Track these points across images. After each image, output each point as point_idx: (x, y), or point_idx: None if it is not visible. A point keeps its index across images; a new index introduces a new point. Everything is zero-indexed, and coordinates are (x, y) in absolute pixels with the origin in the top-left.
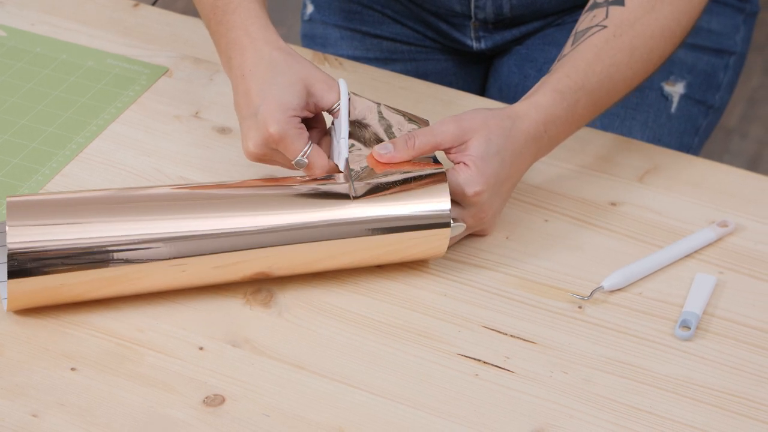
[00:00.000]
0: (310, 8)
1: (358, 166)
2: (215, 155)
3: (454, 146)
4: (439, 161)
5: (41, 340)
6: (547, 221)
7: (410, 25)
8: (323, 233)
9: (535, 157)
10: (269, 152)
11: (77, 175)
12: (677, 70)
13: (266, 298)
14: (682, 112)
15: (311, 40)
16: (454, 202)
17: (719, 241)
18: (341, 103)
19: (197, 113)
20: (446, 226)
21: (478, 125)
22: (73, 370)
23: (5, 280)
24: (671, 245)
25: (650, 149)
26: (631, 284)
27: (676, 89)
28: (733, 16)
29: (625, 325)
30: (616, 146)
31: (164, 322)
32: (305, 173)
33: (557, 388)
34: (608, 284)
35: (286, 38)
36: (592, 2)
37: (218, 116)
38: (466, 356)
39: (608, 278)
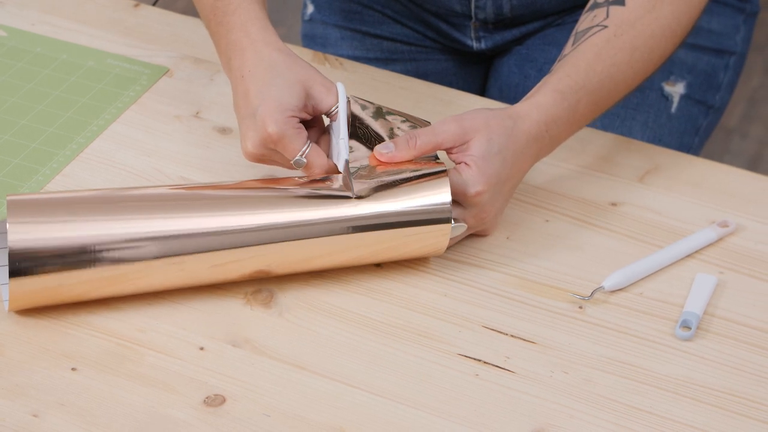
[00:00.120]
0: (310, 8)
1: (357, 165)
2: (215, 155)
3: (455, 146)
4: (440, 160)
5: (41, 340)
6: (547, 221)
7: (410, 25)
8: (322, 230)
9: (536, 157)
10: (268, 152)
11: (78, 175)
12: (677, 70)
13: (267, 298)
14: (682, 112)
15: (311, 40)
16: (455, 202)
17: (720, 241)
18: (339, 105)
19: (198, 113)
20: (447, 221)
21: (479, 125)
22: (73, 370)
23: (6, 282)
24: (672, 245)
25: (650, 149)
26: (631, 284)
27: (676, 89)
28: (733, 16)
29: (625, 325)
30: (616, 146)
31: (165, 322)
32: (304, 173)
33: (557, 388)
34: (609, 284)
35: (286, 38)
36: (592, 2)
37: (219, 116)
38: (466, 356)
39: (609, 278)
